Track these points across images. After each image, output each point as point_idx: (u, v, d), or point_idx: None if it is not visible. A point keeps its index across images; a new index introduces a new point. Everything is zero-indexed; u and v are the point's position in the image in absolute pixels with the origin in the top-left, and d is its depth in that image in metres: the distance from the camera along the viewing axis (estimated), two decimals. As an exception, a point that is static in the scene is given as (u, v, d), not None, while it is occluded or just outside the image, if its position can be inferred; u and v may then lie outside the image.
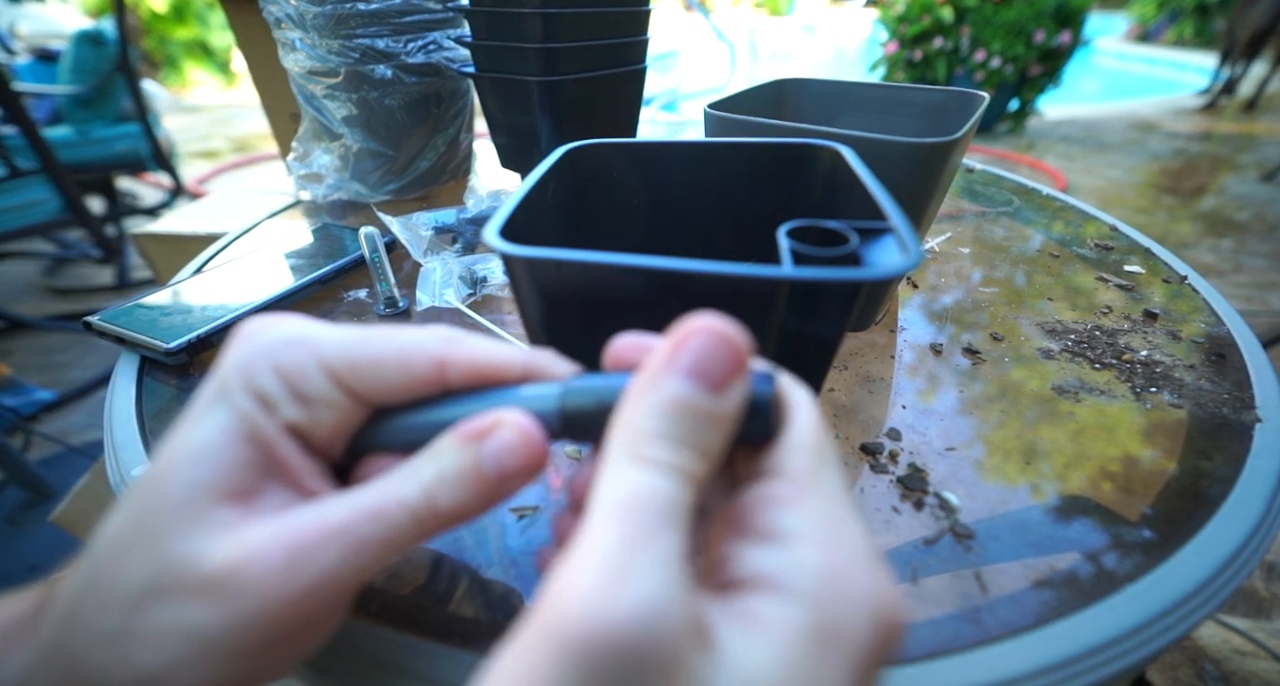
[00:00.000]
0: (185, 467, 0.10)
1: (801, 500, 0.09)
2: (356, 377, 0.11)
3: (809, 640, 0.07)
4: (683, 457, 0.09)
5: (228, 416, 0.11)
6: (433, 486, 0.10)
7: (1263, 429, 0.20)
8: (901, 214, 0.14)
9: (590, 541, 0.08)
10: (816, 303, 0.13)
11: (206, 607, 0.09)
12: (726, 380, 0.09)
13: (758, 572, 0.08)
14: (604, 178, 0.20)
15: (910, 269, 0.12)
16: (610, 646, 0.07)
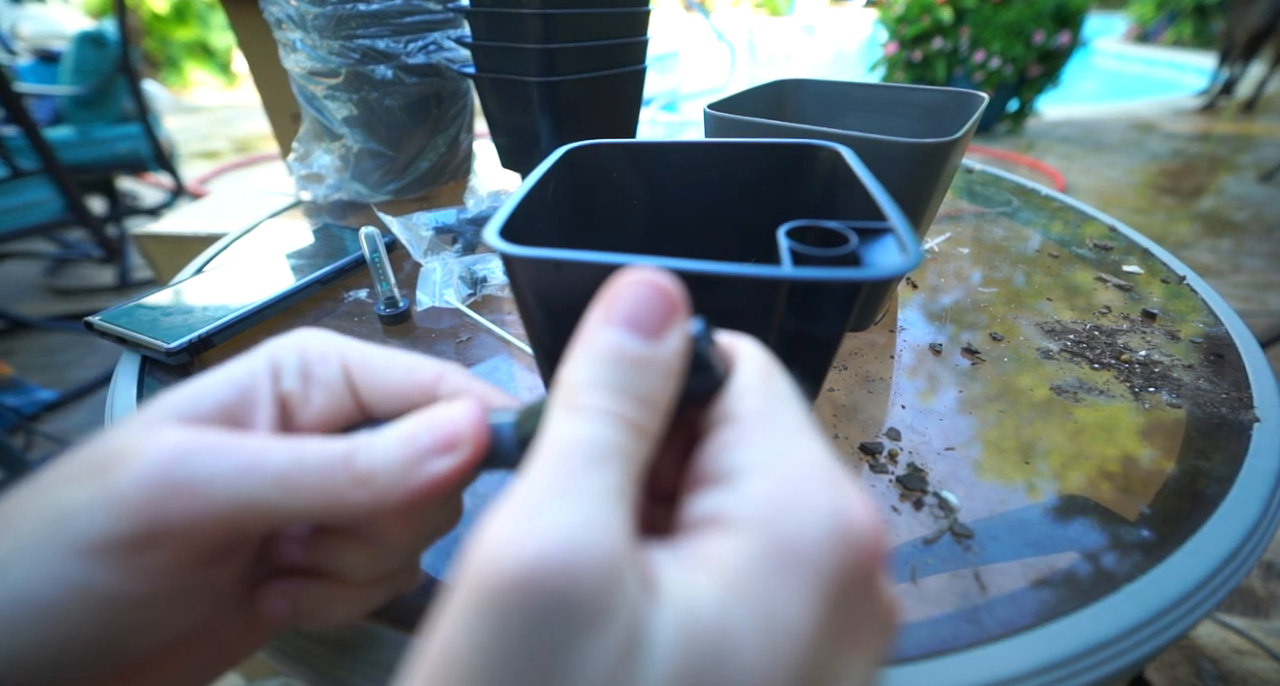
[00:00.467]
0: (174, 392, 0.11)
1: (751, 438, 0.08)
2: (365, 373, 0.12)
3: (758, 568, 0.07)
4: (620, 404, 0.08)
5: (239, 371, 0.12)
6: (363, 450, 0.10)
7: (1260, 428, 0.20)
8: (901, 214, 0.14)
9: (518, 486, 0.07)
10: (816, 303, 0.13)
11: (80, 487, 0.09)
12: (662, 326, 0.09)
13: (705, 514, 0.08)
14: (604, 178, 0.20)
15: (909, 270, 0.12)
16: (524, 586, 0.06)
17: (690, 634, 0.06)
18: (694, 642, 0.06)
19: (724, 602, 0.07)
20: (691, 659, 0.06)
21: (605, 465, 0.07)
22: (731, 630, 0.06)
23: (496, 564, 0.06)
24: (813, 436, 0.08)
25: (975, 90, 0.28)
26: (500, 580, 0.06)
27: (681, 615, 0.07)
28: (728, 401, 0.09)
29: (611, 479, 0.07)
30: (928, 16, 2.07)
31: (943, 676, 0.14)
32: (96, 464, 0.09)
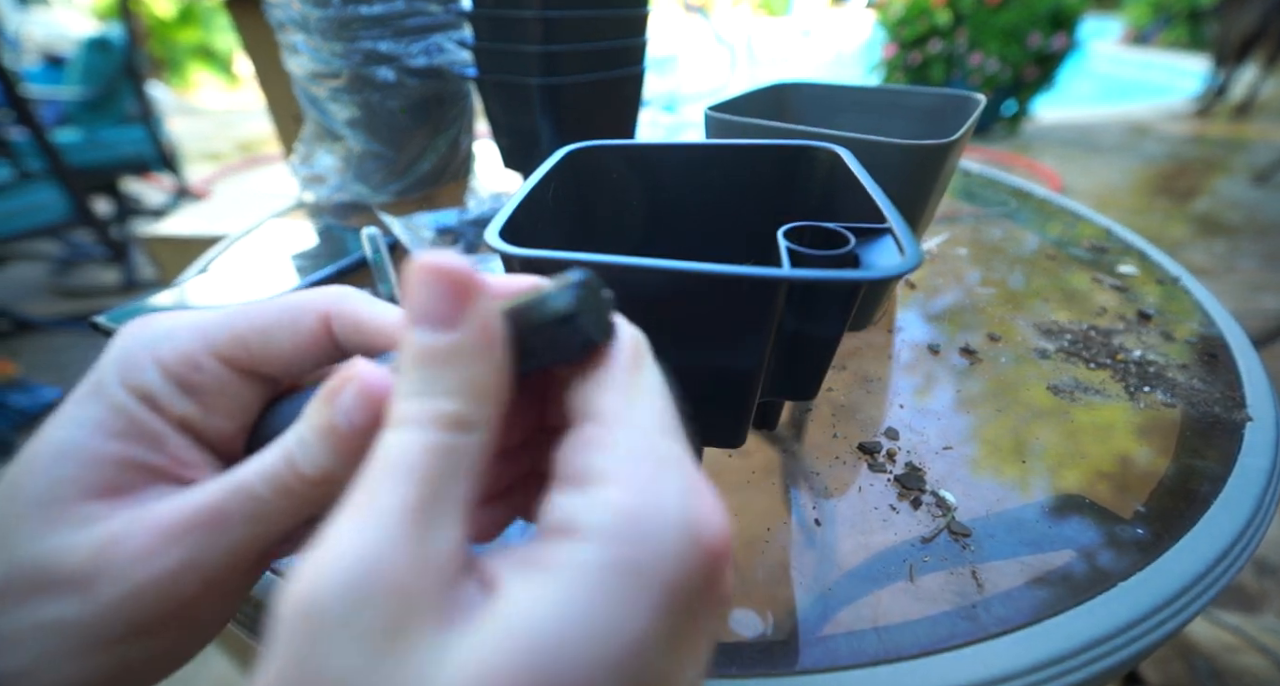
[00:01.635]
0: (47, 465, 0.10)
1: (610, 439, 0.08)
2: (245, 351, 0.11)
3: (601, 576, 0.07)
4: (427, 406, 0.08)
5: (99, 412, 0.10)
6: (294, 451, 0.10)
7: (1253, 428, 0.21)
8: (900, 216, 0.14)
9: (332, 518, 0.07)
10: (815, 303, 0.13)
11: (66, 601, 0.09)
12: (455, 311, 0.08)
13: (558, 520, 0.08)
14: (604, 179, 0.21)
15: (908, 271, 0.12)
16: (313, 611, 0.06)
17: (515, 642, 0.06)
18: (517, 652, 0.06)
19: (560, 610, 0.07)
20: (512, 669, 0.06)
21: (401, 480, 0.07)
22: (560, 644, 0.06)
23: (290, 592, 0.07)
24: (672, 436, 0.08)
25: (972, 92, 0.28)
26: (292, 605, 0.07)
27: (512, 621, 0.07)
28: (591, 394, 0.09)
29: (404, 494, 0.07)
30: (925, 19, 2.08)
31: (941, 673, 0.14)
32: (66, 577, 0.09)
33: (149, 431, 0.10)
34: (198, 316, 0.11)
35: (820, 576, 0.16)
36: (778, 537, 0.17)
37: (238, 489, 0.10)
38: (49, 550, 0.09)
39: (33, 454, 0.10)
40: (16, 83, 0.93)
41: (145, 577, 0.09)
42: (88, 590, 0.09)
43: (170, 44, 3.70)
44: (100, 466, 0.10)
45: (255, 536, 0.10)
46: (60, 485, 0.10)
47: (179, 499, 0.10)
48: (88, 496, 0.10)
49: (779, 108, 0.33)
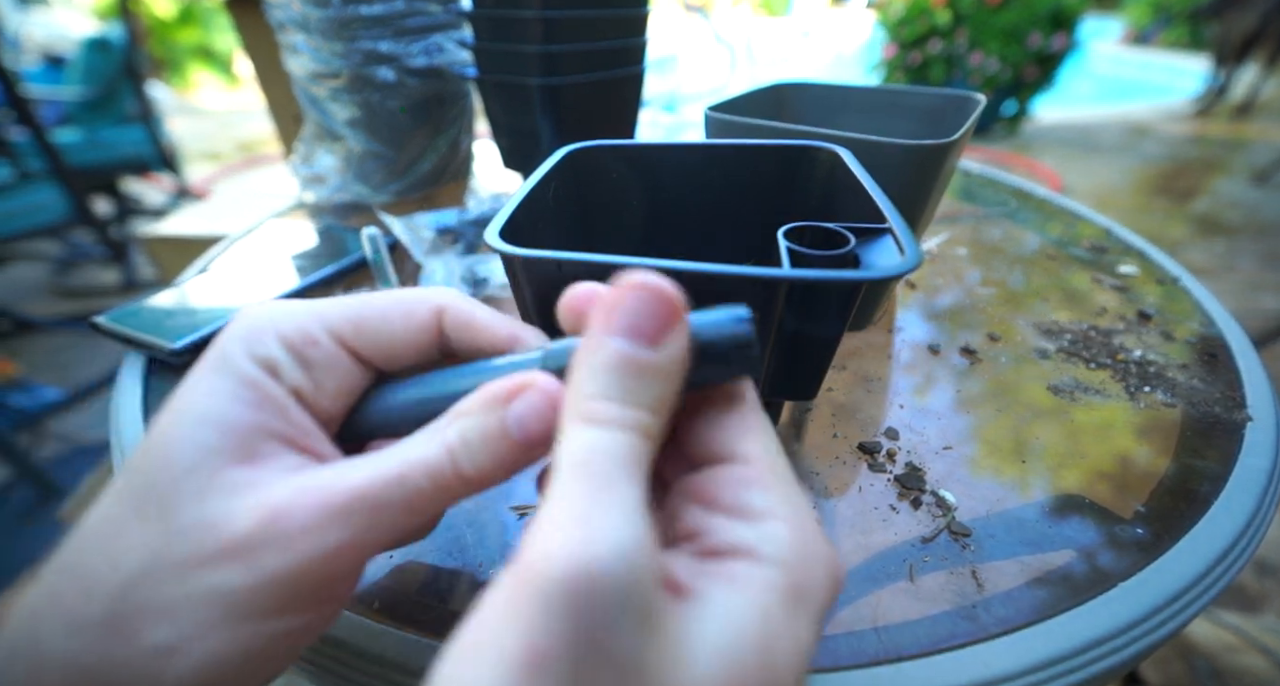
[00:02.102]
0: (190, 432, 0.10)
1: (766, 482, 0.10)
2: (361, 335, 0.12)
3: (784, 597, 0.08)
4: (629, 413, 0.09)
5: (230, 383, 0.10)
6: (457, 450, 0.10)
7: (1253, 427, 0.21)
8: (899, 216, 0.14)
9: (556, 497, 0.08)
10: (815, 303, 0.13)
11: (229, 570, 0.09)
12: (662, 333, 0.09)
13: (737, 543, 0.09)
14: (605, 179, 0.21)
15: (908, 271, 0.12)
16: (588, 588, 0.07)
17: (739, 646, 0.08)
18: (743, 654, 0.08)
19: (765, 624, 0.08)
20: (739, 662, 0.08)
21: (630, 475, 0.08)
22: (774, 645, 0.08)
23: (566, 568, 0.07)
24: (798, 485, 0.10)
25: (972, 92, 0.28)
26: (572, 584, 0.07)
27: (726, 624, 0.08)
28: (737, 439, 0.10)
29: (637, 488, 0.08)
30: (925, 19, 2.08)
31: (941, 673, 0.14)
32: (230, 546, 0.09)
33: (275, 400, 0.11)
34: (314, 301, 0.12)
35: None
36: (778, 537, 0.17)
37: (400, 478, 0.10)
38: (213, 516, 0.09)
39: (171, 424, 0.10)
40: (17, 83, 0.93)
41: (308, 552, 0.09)
42: (251, 560, 0.09)
43: (170, 44, 3.70)
44: (238, 433, 0.10)
45: (404, 524, 0.10)
46: (206, 451, 0.10)
47: (333, 475, 0.10)
48: (230, 463, 0.10)
49: (779, 108, 0.33)
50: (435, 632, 0.15)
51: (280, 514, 0.09)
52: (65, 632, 0.09)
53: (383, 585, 0.16)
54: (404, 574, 0.16)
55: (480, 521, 0.18)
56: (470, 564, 0.17)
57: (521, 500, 0.19)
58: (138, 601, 0.09)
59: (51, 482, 0.75)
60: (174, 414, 0.10)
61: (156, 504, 0.10)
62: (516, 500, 0.19)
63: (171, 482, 0.10)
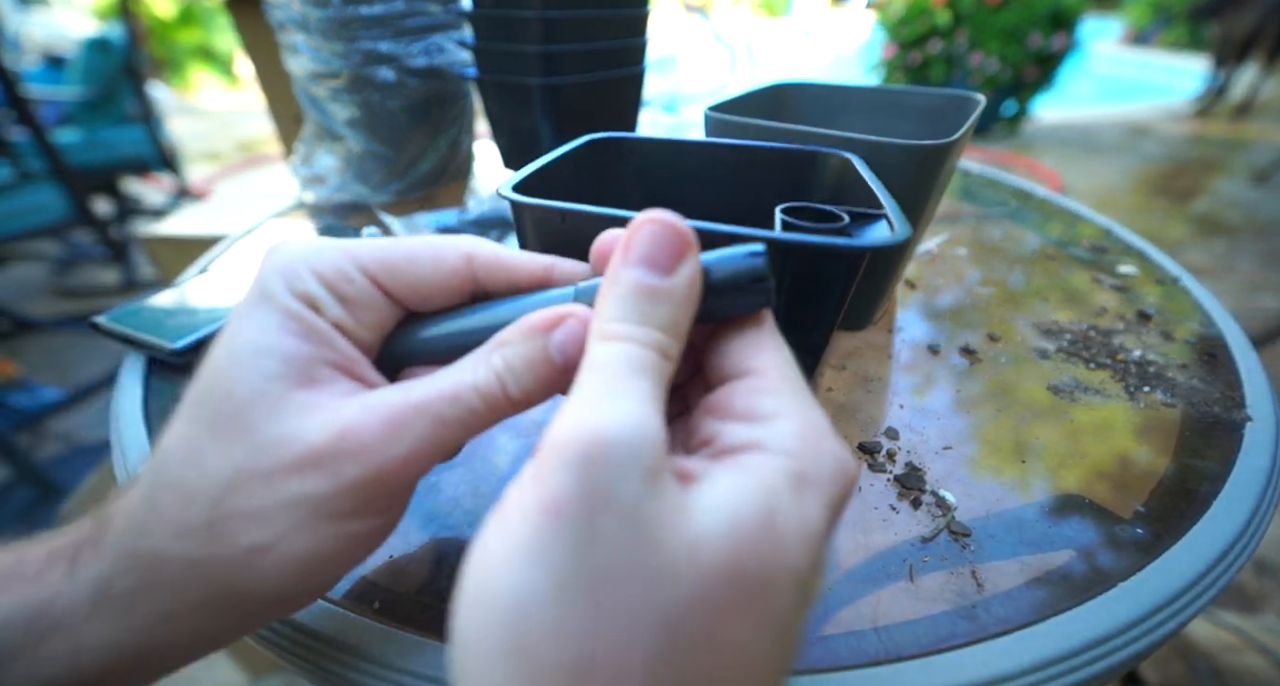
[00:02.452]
0: (251, 362, 0.11)
1: (774, 388, 0.10)
2: (392, 276, 0.12)
3: (790, 480, 0.09)
4: (643, 331, 0.10)
5: (278, 317, 0.11)
6: (504, 374, 0.11)
7: (1253, 427, 0.21)
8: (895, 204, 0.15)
9: (574, 393, 0.09)
10: (809, 277, 0.13)
11: (313, 478, 0.10)
12: (674, 262, 0.10)
13: (745, 440, 0.10)
14: (618, 171, 0.21)
15: (897, 242, 0.12)
16: (596, 448, 0.08)
17: (740, 511, 0.08)
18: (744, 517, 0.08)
19: (769, 498, 0.09)
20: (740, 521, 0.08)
21: (641, 375, 0.09)
22: (778, 515, 0.09)
23: (575, 433, 0.08)
24: (808, 392, 0.11)
25: (972, 92, 0.28)
26: (585, 445, 0.08)
27: (731, 495, 0.09)
28: (751, 356, 0.11)
29: (648, 385, 0.09)
30: (925, 19, 2.08)
31: (940, 673, 0.14)
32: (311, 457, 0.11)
33: (322, 332, 0.12)
34: (344, 240, 0.13)
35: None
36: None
37: (454, 395, 0.11)
38: (290, 432, 0.11)
39: (231, 355, 0.11)
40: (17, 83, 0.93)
41: (382, 459, 0.11)
42: (332, 468, 0.10)
43: (171, 44, 3.70)
44: (296, 362, 0.11)
45: (458, 438, 0.12)
46: (272, 379, 0.11)
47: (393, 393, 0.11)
48: (293, 387, 0.11)
49: (779, 108, 0.33)
50: (435, 632, 0.15)
51: (354, 427, 0.11)
52: (173, 534, 0.10)
53: (383, 585, 0.16)
54: (404, 574, 0.16)
55: (481, 522, 0.18)
56: (470, 564, 0.17)
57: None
58: (232, 508, 0.10)
59: (51, 482, 0.75)
60: (231, 347, 0.11)
61: (232, 425, 0.11)
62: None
63: (244, 406, 0.11)
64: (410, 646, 0.14)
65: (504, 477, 0.20)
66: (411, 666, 0.14)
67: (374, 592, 0.16)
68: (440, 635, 0.15)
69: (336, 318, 0.12)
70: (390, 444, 0.11)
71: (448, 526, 0.18)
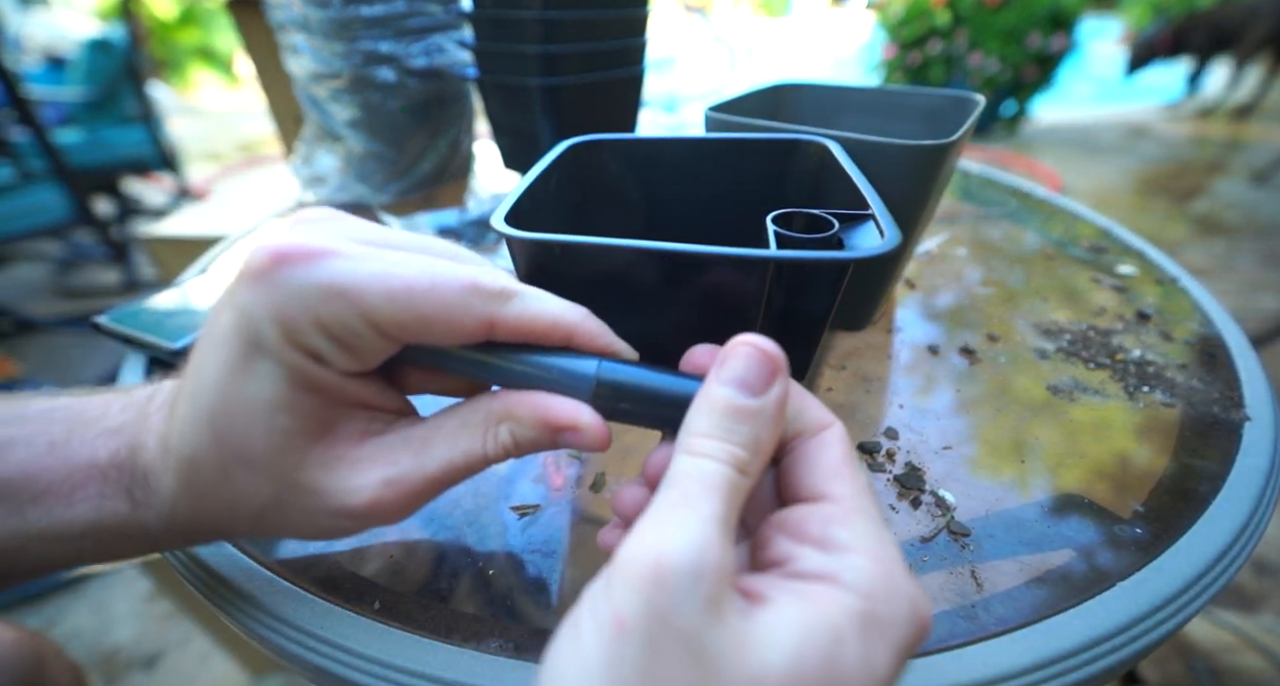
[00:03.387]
0: (267, 418, 0.12)
1: (852, 519, 0.11)
2: (403, 332, 0.12)
3: (860, 620, 0.09)
4: (725, 447, 0.11)
5: (281, 372, 0.12)
6: (512, 449, 0.13)
7: (1251, 427, 0.21)
8: (881, 202, 0.15)
9: (648, 512, 0.10)
10: (802, 285, 0.13)
11: (342, 522, 0.13)
12: (765, 385, 0.11)
13: (819, 570, 0.10)
14: (604, 172, 0.21)
15: (886, 251, 0.12)
16: (660, 572, 0.09)
17: (803, 647, 0.09)
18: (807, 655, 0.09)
19: (834, 637, 0.09)
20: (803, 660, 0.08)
21: (713, 495, 0.10)
22: (842, 657, 0.09)
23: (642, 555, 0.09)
24: (885, 526, 0.11)
25: (972, 93, 0.28)
26: (649, 569, 0.09)
27: (797, 629, 0.09)
28: (825, 480, 0.11)
29: (718, 506, 0.10)
30: (925, 20, 2.08)
31: (940, 672, 0.14)
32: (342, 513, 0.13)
33: (327, 382, 0.12)
34: (349, 276, 0.11)
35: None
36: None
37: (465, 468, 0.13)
38: (321, 486, 0.12)
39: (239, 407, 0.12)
40: (18, 84, 0.93)
41: (399, 514, 0.13)
42: (358, 521, 0.13)
43: (171, 45, 3.71)
44: (310, 415, 0.12)
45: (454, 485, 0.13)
46: (290, 434, 0.12)
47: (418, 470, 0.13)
48: (312, 441, 0.12)
49: (779, 108, 0.33)
50: (435, 632, 0.15)
51: (379, 501, 0.12)
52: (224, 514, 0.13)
53: (383, 585, 0.16)
54: (404, 574, 0.16)
55: (481, 522, 0.18)
56: (471, 564, 0.17)
57: (521, 500, 0.19)
58: (270, 522, 0.13)
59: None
60: (237, 400, 0.12)
61: (257, 467, 0.12)
62: (516, 500, 0.19)
63: (268, 457, 0.12)
64: (410, 646, 0.14)
65: (505, 478, 0.20)
66: (411, 666, 0.14)
67: (374, 592, 0.16)
68: (440, 635, 0.15)
69: (343, 366, 0.12)
70: (406, 510, 0.13)
71: (448, 527, 0.18)
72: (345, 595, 0.16)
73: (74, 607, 0.67)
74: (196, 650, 0.62)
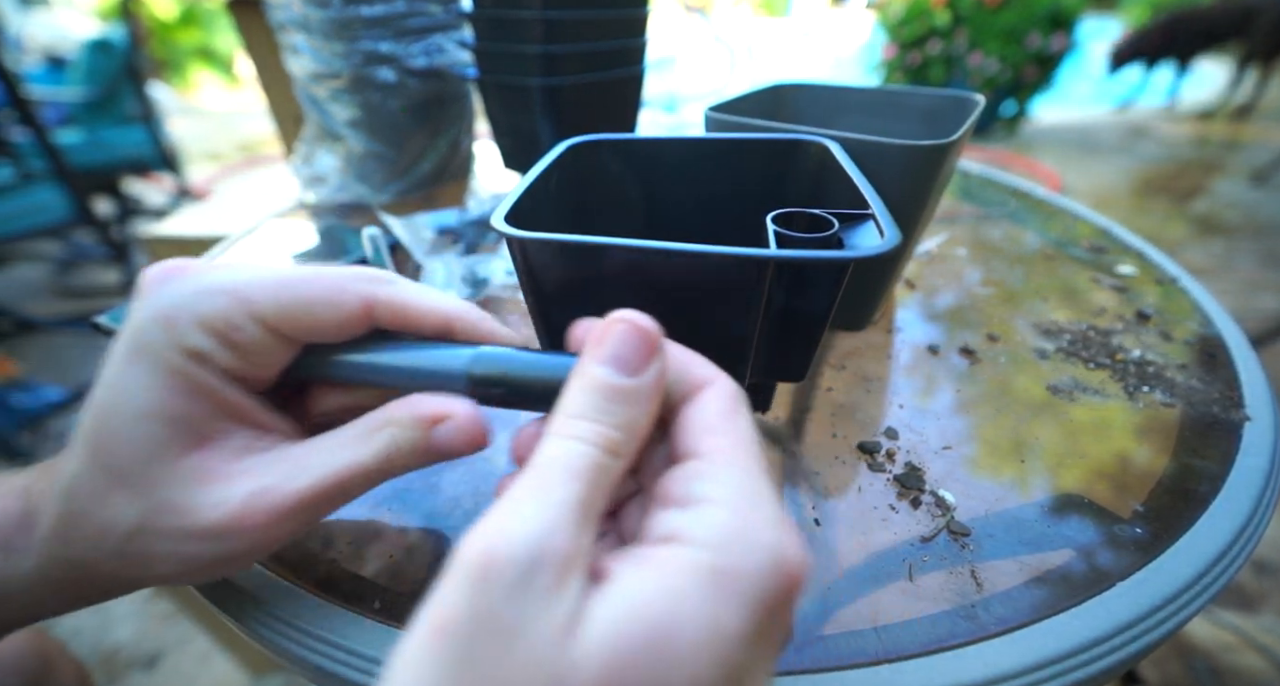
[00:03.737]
0: (139, 426, 0.11)
1: (717, 473, 0.10)
2: (287, 322, 0.12)
3: (703, 575, 0.08)
4: (595, 428, 0.10)
5: (161, 375, 0.11)
6: (394, 453, 0.12)
7: (1251, 427, 0.21)
8: (881, 201, 0.15)
9: (506, 493, 0.09)
10: (802, 284, 0.13)
11: (209, 544, 0.12)
12: (642, 364, 0.11)
13: (666, 530, 0.09)
14: (605, 172, 0.21)
15: (885, 251, 0.12)
16: (487, 566, 0.08)
17: (632, 615, 0.08)
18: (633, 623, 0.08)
19: (671, 598, 0.08)
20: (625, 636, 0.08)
21: (575, 479, 0.09)
22: (676, 622, 0.08)
23: (475, 548, 0.08)
24: (765, 478, 0.10)
25: (972, 93, 0.28)
26: (483, 562, 0.08)
27: (627, 599, 0.08)
28: (696, 437, 0.11)
29: (578, 490, 0.09)
30: (925, 20, 2.08)
31: (940, 672, 0.14)
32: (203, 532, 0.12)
33: (208, 386, 0.12)
34: (232, 277, 0.12)
35: (819, 576, 0.16)
36: (777, 537, 0.17)
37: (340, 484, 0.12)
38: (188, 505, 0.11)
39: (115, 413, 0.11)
40: (19, 84, 0.93)
41: (263, 540, 0.12)
42: (221, 542, 0.12)
43: (172, 45, 3.71)
44: (184, 423, 0.12)
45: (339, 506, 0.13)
46: (160, 445, 0.11)
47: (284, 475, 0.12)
48: (184, 452, 0.12)
49: (779, 108, 0.33)
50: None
51: (243, 516, 0.11)
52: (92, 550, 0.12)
53: (383, 585, 0.16)
54: (404, 574, 0.16)
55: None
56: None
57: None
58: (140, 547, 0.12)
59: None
60: (115, 404, 0.11)
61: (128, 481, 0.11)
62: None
63: (139, 467, 0.11)
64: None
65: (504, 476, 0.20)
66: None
67: (374, 592, 0.16)
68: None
69: (227, 365, 0.12)
70: (274, 530, 0.12)
71: (448, 527, 0.18)
72: (345, 595, 0.16)
73: (74, 607, 0.67)
74: (196, 650, 0.62)
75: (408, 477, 0.19)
